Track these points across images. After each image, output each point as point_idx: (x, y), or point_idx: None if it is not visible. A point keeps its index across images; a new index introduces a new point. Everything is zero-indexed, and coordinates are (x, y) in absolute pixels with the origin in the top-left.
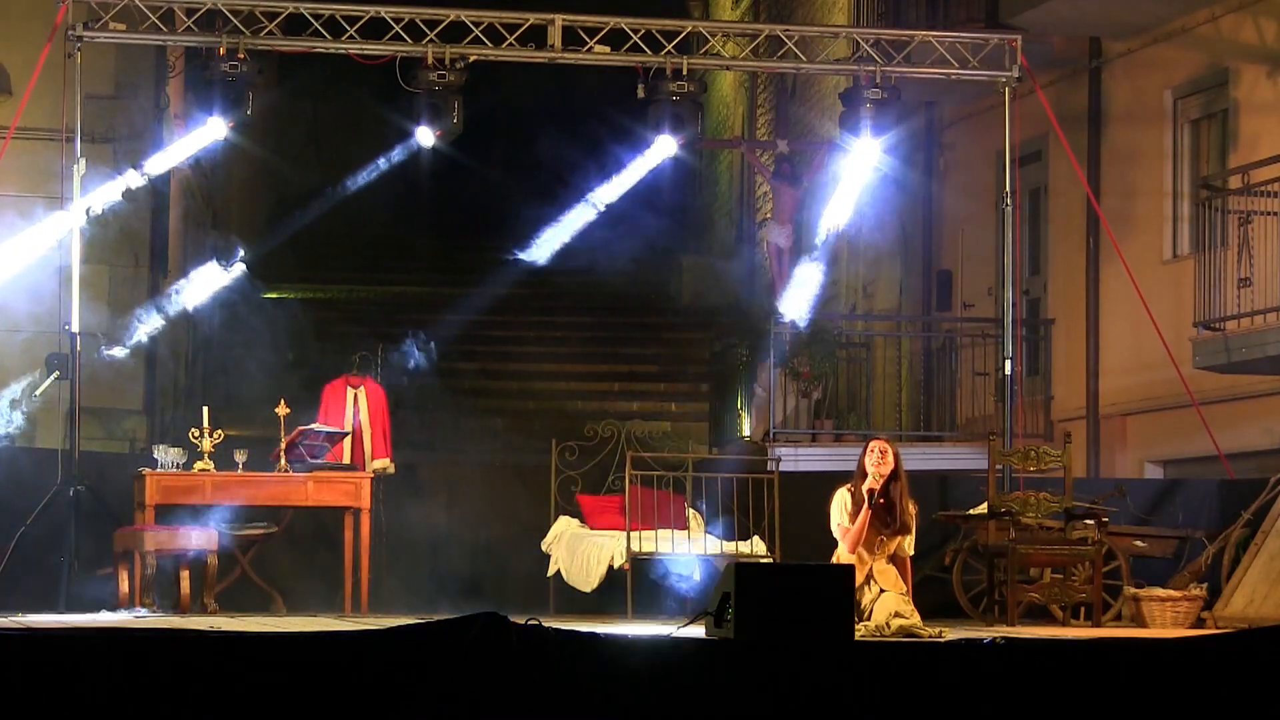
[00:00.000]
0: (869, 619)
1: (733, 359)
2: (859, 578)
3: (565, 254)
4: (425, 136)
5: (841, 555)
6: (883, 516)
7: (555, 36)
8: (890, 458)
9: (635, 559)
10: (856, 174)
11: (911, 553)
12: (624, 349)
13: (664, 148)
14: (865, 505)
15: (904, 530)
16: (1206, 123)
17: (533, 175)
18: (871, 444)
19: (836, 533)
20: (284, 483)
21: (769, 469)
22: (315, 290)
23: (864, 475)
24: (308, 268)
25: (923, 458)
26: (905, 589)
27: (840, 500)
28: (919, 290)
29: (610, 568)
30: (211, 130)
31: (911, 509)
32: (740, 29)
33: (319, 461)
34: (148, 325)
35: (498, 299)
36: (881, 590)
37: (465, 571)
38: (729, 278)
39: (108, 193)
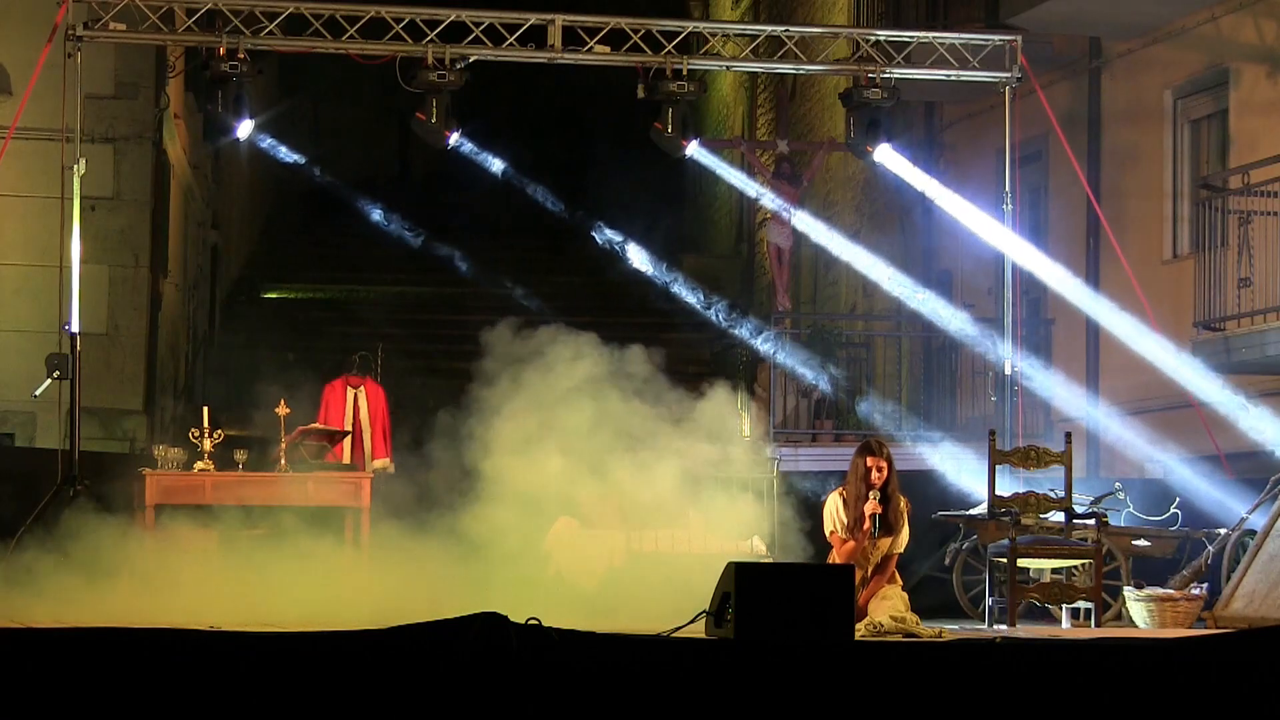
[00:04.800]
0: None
1: (732, 359)
2: (855, 579)
3: (566, 254)
4: (450, 136)
5: (834, 561)
6: (879, 524)
7: (555, 36)
8: (886, 470)
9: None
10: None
11: (900, 550)
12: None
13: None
14: (865, 526)
15: (897, 530)
16: (1206, 123)
17: (535, 174)
18: (868, 460)
19: (830, 539)
20: (284, 483)
21: (769, 469)
22: (315, 290)
23: (857, 478)
24: (308, 267)
25: (923, 458)
26: (895, 575)
27: (833, 506)
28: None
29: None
30: (241, 132)
31: (904, 506)
32: (740, 29)
33: (319, 461)
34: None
35: (498, 298)
36: (880, 590)
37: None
38: (729, 277)
39: (107, 193)
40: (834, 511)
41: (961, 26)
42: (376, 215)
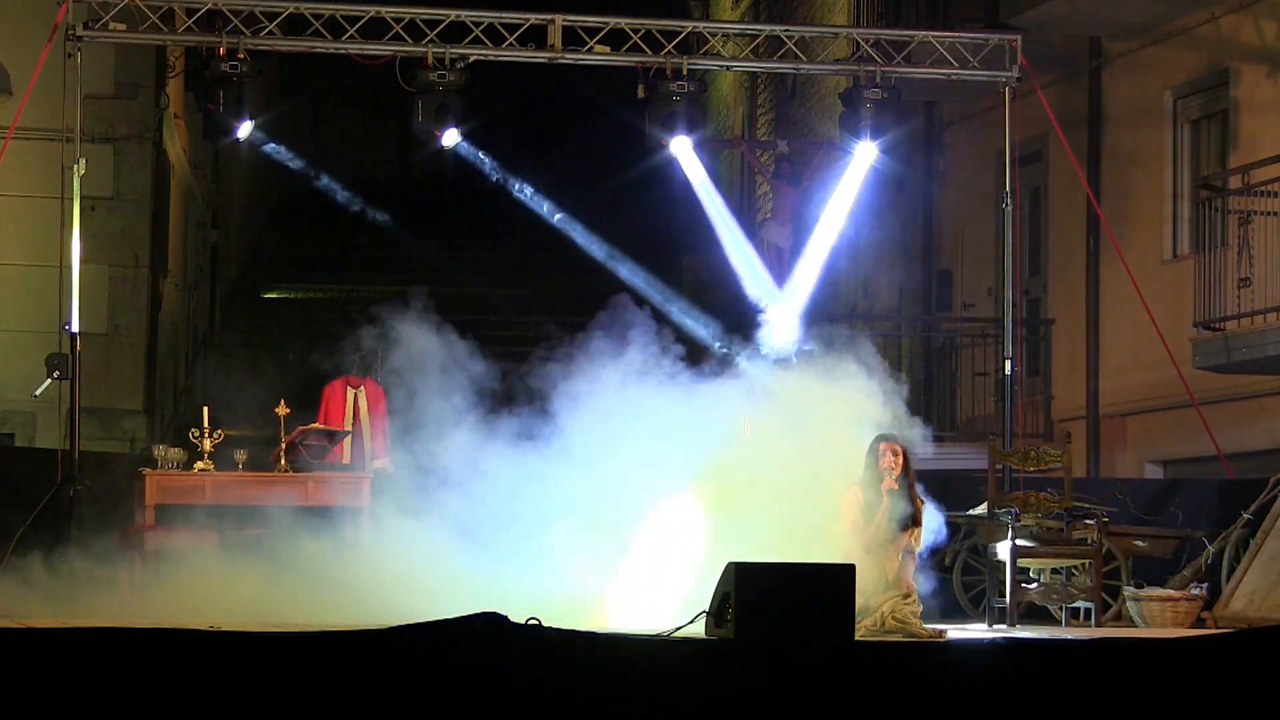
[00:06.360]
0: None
1: (732, 359)
2: (874, 574)
3: (565, 254)
4: (450, 137)
5: (852, 553)
6: (900, 512)
7: (555, 36)
8: (901, 457)
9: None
10: (856, 176)
11: (920, 547)
12: None
13: (676, 148)
14: (884, 505)
15: (916, 523)
16: (1206, 123)
17: (534, 173)
18: (883, 445)
19: (849, 531)
20: (284, 483)
21: None
22: (315, 290)
23: (873, 464)
24: (308, 267)
25: (922, 457)
26: (911, 586)
27: (852, 499)
28: (919, 290)
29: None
30: (241, 132)
31: (919, 502)
32: (740, 29)
33: (319, 461)
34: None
35: (497, 299)
36: (888, 585)
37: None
38: (729, 278)
39: (107, 193)
40: (852, 501)
41: (961, 26)
42: (376, 215)
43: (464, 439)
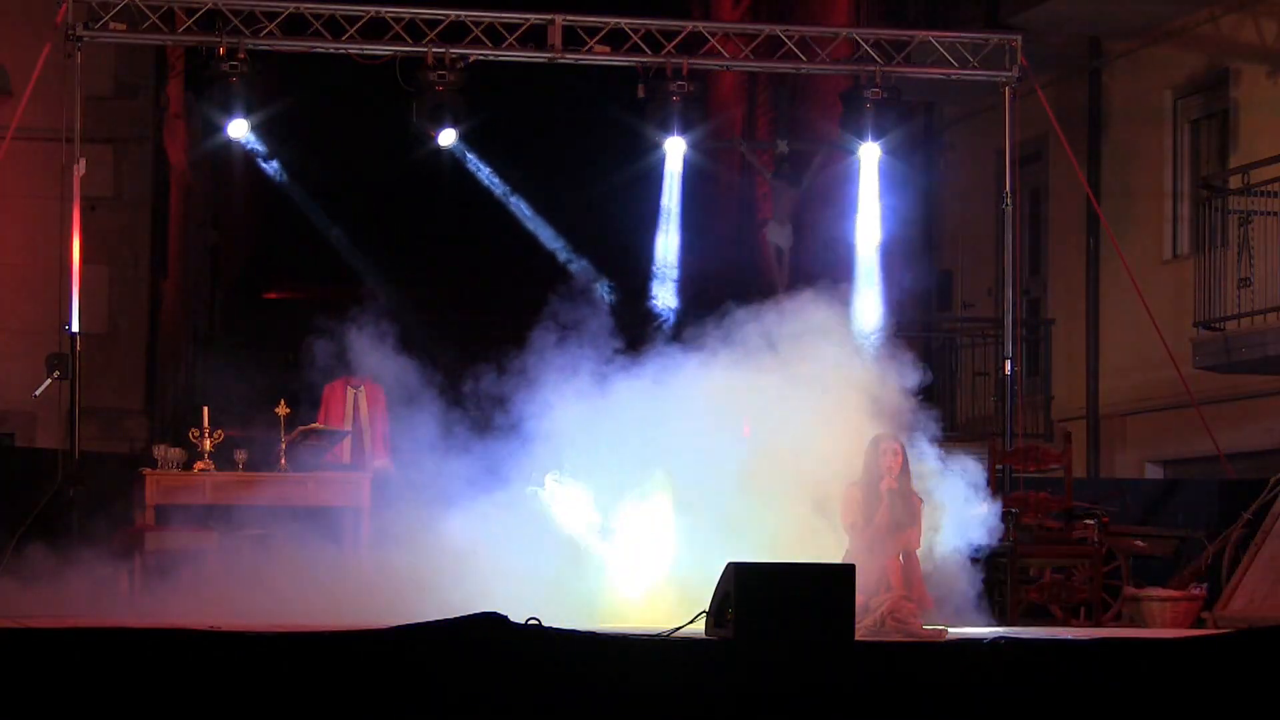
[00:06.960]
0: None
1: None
2: (874, 574)
3: (564, 255)
4: (446, 137)
5: (853, 552)
6: (898, 512)
7: (555, 36)
8: (900, 455)
9: None
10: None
11: (920, 546)
12: None
13: (674, 149)
14: (883, 504)
15: (915, 522)
16: (1206, 123)
17: (532, 174)
18: (883, 444)
19: (848, 531)
20: (284, 483)
21: None
22: (315, 290)
23: (872, 462)
24: (308, 267)
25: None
26: (924, 591)
27: (850, 498)
28: (919, 290)
29: None
30: (233, 131)
31: (917, 501)
32: (740, 29)
33: (319, 461)
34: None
35: (494, 299)
36: (888, 586)
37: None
38: (729, 278)
39: (107, 193)
40: (851, 500)
41: (961, 26)
42: (376, 216)
43: (462, 437)
